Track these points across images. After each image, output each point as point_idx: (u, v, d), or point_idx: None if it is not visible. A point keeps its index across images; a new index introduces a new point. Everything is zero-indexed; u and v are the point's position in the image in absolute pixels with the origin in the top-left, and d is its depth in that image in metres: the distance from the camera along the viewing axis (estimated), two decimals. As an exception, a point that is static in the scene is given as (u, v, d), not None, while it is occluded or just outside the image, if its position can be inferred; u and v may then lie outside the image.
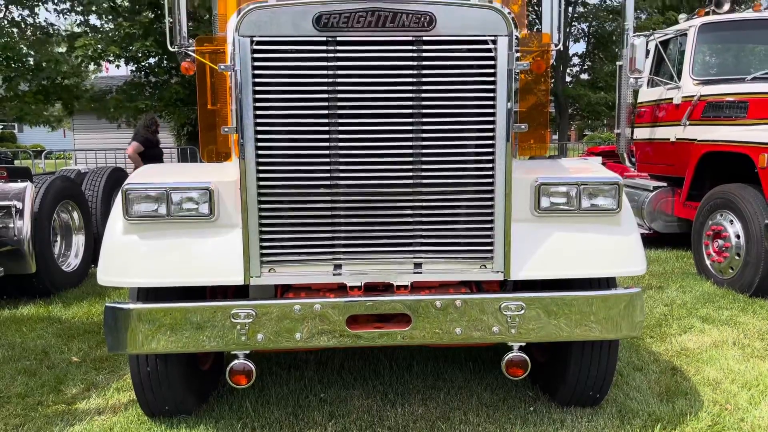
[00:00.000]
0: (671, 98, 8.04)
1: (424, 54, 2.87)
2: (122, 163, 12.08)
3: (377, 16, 2.82)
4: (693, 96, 7.56)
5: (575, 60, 22.90)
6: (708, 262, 6.77)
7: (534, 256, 3.10)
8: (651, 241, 8.40)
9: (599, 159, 10.20)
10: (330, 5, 2.83)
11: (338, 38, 2.85)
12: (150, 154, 9.56)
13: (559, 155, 17.20)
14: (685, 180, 7.56)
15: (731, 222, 6.41)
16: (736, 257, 6.33)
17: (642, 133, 8.93)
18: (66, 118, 21.38)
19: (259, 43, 2.84)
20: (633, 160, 9.39)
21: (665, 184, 8.28)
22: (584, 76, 22.77)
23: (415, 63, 2.88)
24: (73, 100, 14.60)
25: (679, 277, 6.99)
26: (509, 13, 3.04)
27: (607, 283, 3.29)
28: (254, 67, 2.86)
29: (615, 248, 3.19)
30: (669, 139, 8.08)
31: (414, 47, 2.87)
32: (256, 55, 2.85)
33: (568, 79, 22.25)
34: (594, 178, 3.19)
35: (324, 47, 2.85)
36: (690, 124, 7.61)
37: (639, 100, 9.12)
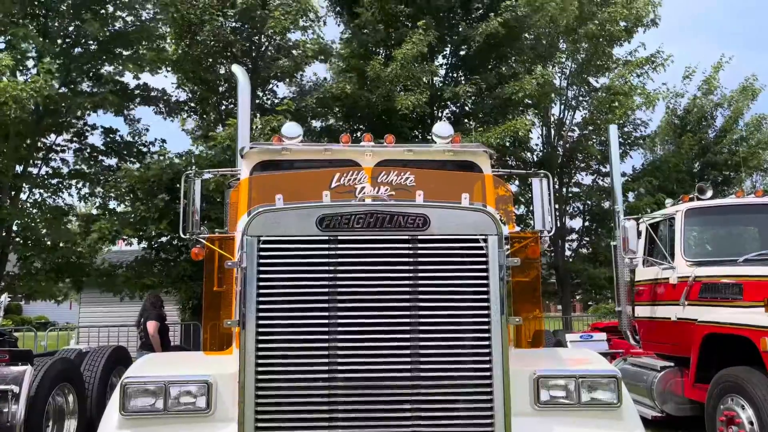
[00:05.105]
0: (667, 278, 8.18)
1: (420, 251, 3.07)
2: (125, 340, 12.06)
3: (375, 218, 3.05)
4: (688, 276, 7.71)
5: (574, 236, 23.56)
6: (726, 451, 6.43)
7: (537, 453, 3.02)
8: (665, 424, 8.03)
9: (604, 335, 10.15)
10: (332, 208, 3.09)
11: (339, 237, 3.06)
12: (160, 329, 9.82)
13: (564, 329, 17.04)
14: (691, 361, 7.43)
15: (743, 407, 6.20)
16: (754, 445, 6.03)
17: (643, 311, 8.95)
18: (73, 293, 21.61)
19: (265, 242, 3.05)
20: (637, 337, 9.30)
21: (672, 364, 8.12)
22: (584, 251, 23.22)
23: (411, 259, 3.06)
24: (82, 276, 14.93)
25: (699, 467, 6.60)
26: (498, 214, 3.29)
27: (615, 483, 3.15)
28: (260, 264, 3.04)
29: (619, 446, 3.11)
30: (670, 318, 8.08)
31: (410, 245, 3.07)
32: (262, 253, 3.05)
33: (568, 252, 22.71)
34: (592, 371, 3.20)
35: (326, 245, 3.06)
36: (689, 305, 7.66)
37: (637, 279, 9.26)
